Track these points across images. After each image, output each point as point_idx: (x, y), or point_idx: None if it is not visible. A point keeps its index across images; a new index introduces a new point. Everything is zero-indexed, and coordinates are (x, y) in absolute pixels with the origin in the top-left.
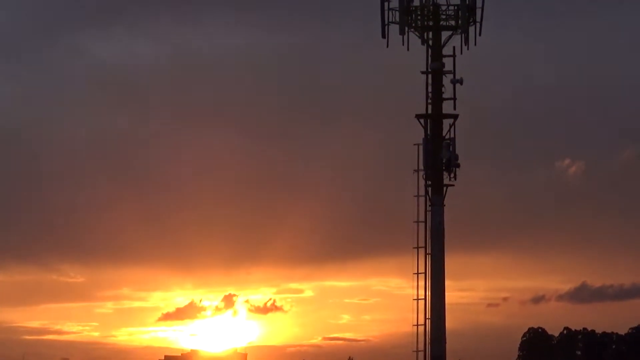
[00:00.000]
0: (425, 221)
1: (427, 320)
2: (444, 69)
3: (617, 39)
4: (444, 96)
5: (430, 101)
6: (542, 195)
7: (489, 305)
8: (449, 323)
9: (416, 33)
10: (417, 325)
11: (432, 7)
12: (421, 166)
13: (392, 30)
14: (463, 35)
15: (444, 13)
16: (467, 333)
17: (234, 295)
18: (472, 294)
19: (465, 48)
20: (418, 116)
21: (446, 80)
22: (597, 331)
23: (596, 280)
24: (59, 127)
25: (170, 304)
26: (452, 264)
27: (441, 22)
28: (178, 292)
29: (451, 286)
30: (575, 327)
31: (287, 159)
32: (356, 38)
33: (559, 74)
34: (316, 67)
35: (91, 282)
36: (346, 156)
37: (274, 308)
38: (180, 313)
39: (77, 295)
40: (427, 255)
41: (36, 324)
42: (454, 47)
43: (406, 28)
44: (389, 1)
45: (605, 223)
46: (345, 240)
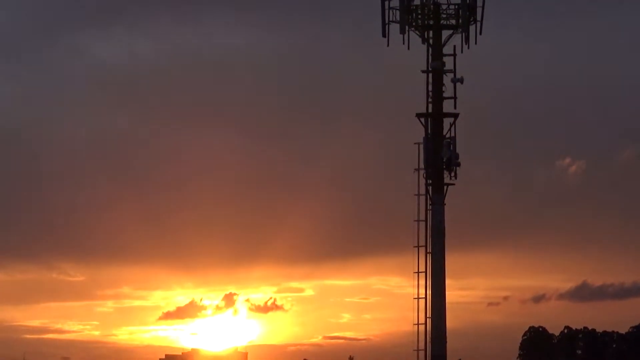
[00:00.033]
0: (425, 220)
1: (428, 319)
2: (445, 68)
3: (617, 39)
4: (445, 95)
5: (430, 100)
6: (543, 194)
7: (490, 304)
8: (450, 322)
9: (417, 32)
10: (418, 324)
11: (433, 6)
12: (422, 165)
13: (393, 29)
14: (463, 34)
15: (445, 12)
16: (468, 332)
17: (235, 294)
18: (473, 293)
19: (465, 47)
20: (418, 115)
21: (447, 79)
22: (598, 330)
23: (597, 279)
24: (59, 127)
25: (170, 303)
26: (453, 263)
27: (442, 21)
28: (179, 291)
29: (452, 285)
30: (575, 326)
31: (287, 159)
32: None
33: (559, 74)
34: (316, 67)
35: (92, 281)
36: (346, 156)
37: (275, 307)
38: (180, 312)
39: (78, 294)
40: (428, 254)
41: (37, 323)
42: (455, 46)
43: (407, 27)
44: (390, 0)
45: (605, 222)
46: (345, 239)
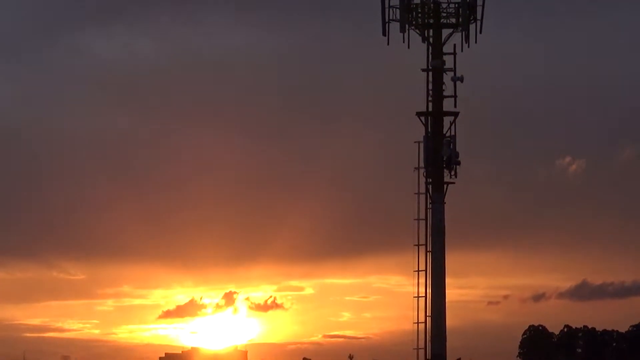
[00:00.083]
0: (425, 219)
1: (428, 317)
2: (445, 67)
3: (617, 38)
4: (445, 94)
5: (430, 99)
6: (543, 192)
7: (490, 303)
8: (450, 321)
9: (417, 31)
10: (418, 322)
11: (433, 5)
12: (422, 164)
13: (393, 28)
14: (463, 33)
15: (445, 11)
16: (468, 331)
17: (235, 292)
18: (473, 292)
19: (465, 46)
20: (419, 114)
21: (447, 77)
22: (598, 329)
23: (597, 278)
24: (59, 127)
25: (170, 302)
26: (453, 262)
27: (442, 20)
28: (178, 290)
29: (451, 284)
30: (575, 325)
31: (287, 159)
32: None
33: (559, 73)
34: (316, 67)
35: (92, 280)
36: (346, 154)
37: (275, 306)
38: (180, 310)
39: (78, 292)
40: (428, 252)
41: (37, 322)
42: (455, 45)
43: (407, 26)
44: None
45: (605, 221)
46: (345, 237)
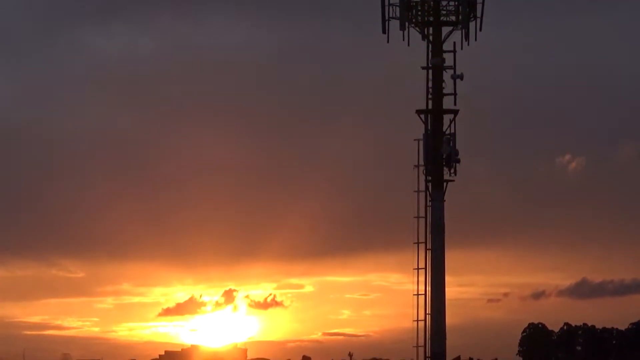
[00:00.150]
0: (425, 216)
1: (427, 315)
2: (445, 65)
3: (618, 37)
4: (445, 92)
5: (430, 97)
6: (543, 190)
7: (490, 300)
8: (449, 318)
9: (417, 28)
10: (417, 320)
11: (433, 3)
12: (421, 161)
13: (393, 25)
14: (463, 30)
15: (445, 8)
16: (468, 328)
17: (234, 290)
18: (473, 290)
19: (465, 44)
20: (418, 112)
21: (446, 75)
22: (598, 327)
23: (596, 275)
24: (59, 126)
25: (170, 299)
26: (453, 260)
27: (442, 18)
28: (178, 288)
29: (451, 282)
30: (575, 323)
31: (287, 156)
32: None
33: (559, 71)
34: (316, 66)
35: (91, 278)
36: (346, 152)
37: (274, 303)
38: (180, 308)
39: (78, 290)
40: (428, 250)
41: (37, 319)
42: (455, 43)
43: (407, 24)
44: None
45: (605, 219)
46: (345, 235)
